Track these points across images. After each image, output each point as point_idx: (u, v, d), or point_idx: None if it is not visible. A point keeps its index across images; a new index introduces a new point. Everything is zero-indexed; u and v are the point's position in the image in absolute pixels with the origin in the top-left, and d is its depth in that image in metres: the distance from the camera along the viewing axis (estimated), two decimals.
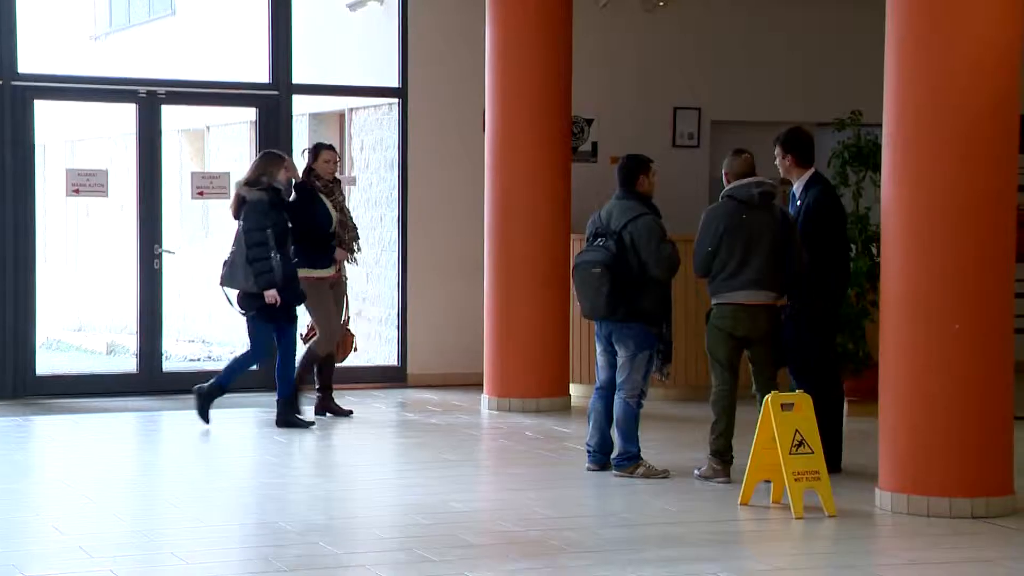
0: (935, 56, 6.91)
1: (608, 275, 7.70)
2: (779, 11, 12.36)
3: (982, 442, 6.92)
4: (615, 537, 6.58)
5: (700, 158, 12.36)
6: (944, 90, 6.90)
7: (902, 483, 7.02)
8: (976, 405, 6.91)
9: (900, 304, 7.06)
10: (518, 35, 10.30)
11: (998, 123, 6.94)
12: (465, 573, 5.90)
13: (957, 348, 6.90)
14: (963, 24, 6.87)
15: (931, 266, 6.97)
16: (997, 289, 6.99)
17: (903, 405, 7.03)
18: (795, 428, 7.06)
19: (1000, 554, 6.32)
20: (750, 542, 6.81)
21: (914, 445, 6.99)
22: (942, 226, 6.93)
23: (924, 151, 6.98)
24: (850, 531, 6.73)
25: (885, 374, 7.13)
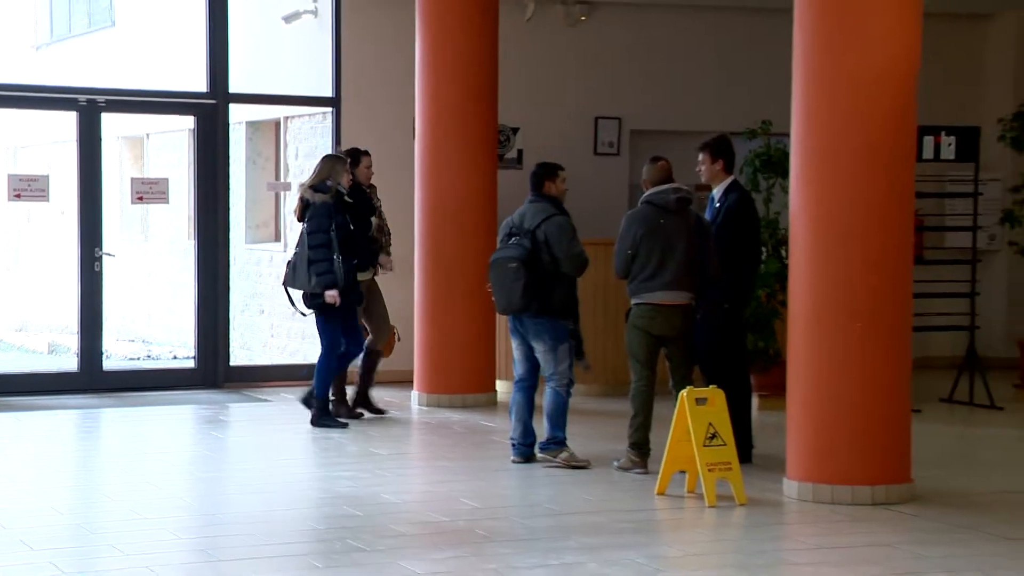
0: (838, 69, 7.02)
1: (523, 270, 7.85)
2: (694, 26, 12.48)
3: (882, 434, 7.04)
4: (538, 526, 6.62)
5: (620, 165, 12.45)
6: (846, 102, 7.01)
7: (808, 473, 7.12)
8: (876, 399, 7.02)
9: (807, 304, 7.16)
10: (447, 47, 10.32)
11: (897, 133, 7.06)
12: (395, 562, 5.92)
13: (859, 346, 7.01)
14: (864, 39, 6.99)
15: (835, 268, 7.07)
16: (896, 290, 7.11)
17: (809, 399, 7.14)
18: (708, 422, 7.14)
19: (899, 538, 6.43)
20: (666, 529, 6.88)
21: (819, 437, 7.09)
22: (846, 230, 7.04)
23: (828, 159, 7.08)
24: (759, 518, 6.82)
25: (792, 370, 7.23)
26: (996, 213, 11.72)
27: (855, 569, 5.85)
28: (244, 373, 11.51)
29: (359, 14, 11.61)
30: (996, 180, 12.43)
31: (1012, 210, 10.98)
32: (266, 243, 13.54)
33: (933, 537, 6.40)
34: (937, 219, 11.72)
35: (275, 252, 13.15)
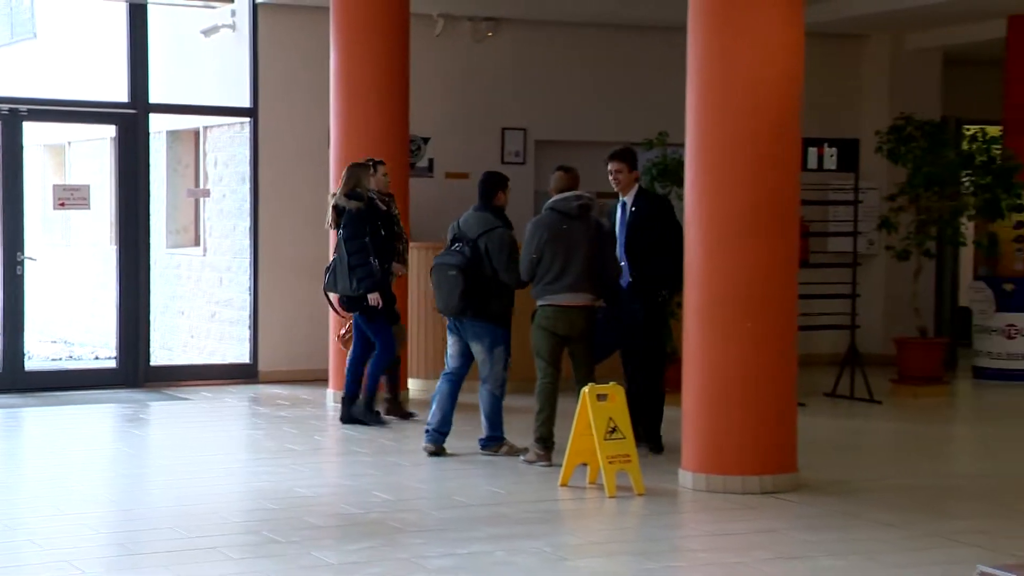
0: (728, 84, 7.08)
1: (462, 277, 7.88)
2: (595, 42, 12.53)
3: (770, 426, 7.10)
4: (448, 517, 6.58)
5: (526, 174, 12.45)
6: (736, 115, 7.07)
7: (702, 464, 7.16)
8: (765, 394, 7.08)
9: (701, 305, 7.20)
10: (360, 60, 10.25)
11: (783, 144, 7.13)
12: (309, 553, 5.84)
13: (749, 344, 7.07)
14: (751, 56, 7.05)
15: (727, 271, 7.12)
16: (783, 291, 7.18)
17: (703, 394, 7.18)
18: (609, 416, 7.15)
19: (786, 524, 6.48)
20: (569, 519, 6.87)
21: (712, 430, 7.14)
22: (737, 235, 7.09)
23: (720, 168, 7.13)
24: (656, 508, 6.84)
25: (687, 367, 7.27)
26: (874, 220, 11.90)
27: (746, 554, 5.89)
28: (164, 373, 11.33)
29: (275, 28, 11.51)
30: (874, 189, 12.63)
31: (888, 217, 11.16)
32: (186, 248, 13.35)
33: (818, 523, 6.47)
34: (821, 225, 11.87)
35: (195, 256, 12.97)
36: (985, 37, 12.40)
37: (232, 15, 11.75)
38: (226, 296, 12.23)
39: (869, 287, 12.60)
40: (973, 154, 11.25)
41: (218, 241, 12.48)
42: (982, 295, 11.78)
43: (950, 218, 11.14)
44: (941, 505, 7.03)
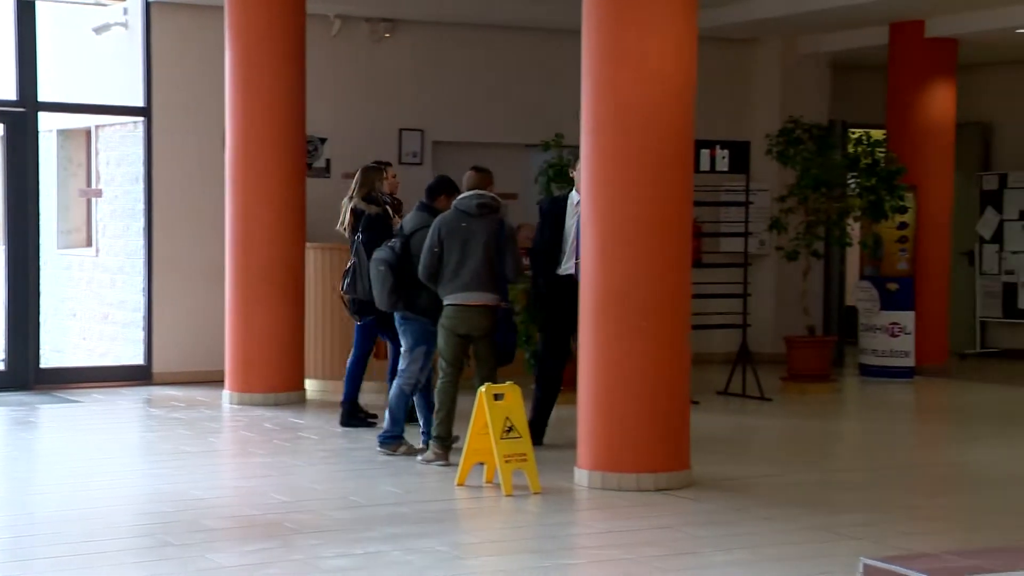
0: (622, 87, 7.14)
1: (390, 273, 7.96)
2: (491, 44, 12.56)
3: (664, 424, 7.17)
4: (345, 518, 6.55)
5: (423, 175, 12.42)
6: (630, 117, 7.14)
7: (597, 462, 7.22)
8: (659, 392, 7.15)
9: (597, 304, 7.25)
10: (255, 60, 10.15)
11: (676, 146, 7.21)
12: (204, 555, 5.78)
13: (644, 343, 7.13)
14: (645, 59, 7.12)
15: (622, 271, 7.18)
16: (678, 291, 7.25)
17: (598, 393, 7.23)
18: (506, 416, 7.17)
19: (679, 521, 6.56)
20: (465, 518, 6.89)
21: (607, 428, 7.19)
22: (631, 236, 7.15)
23: (615, 170, 7.19)
24: (553, 506, 6.88)
25: (583, 365, 7.32)
26: (765, 220, 12.11)
27: (639, 551, 5.95)
28: (55, 375, 11.11)
29: (169, 27, 11.34)
30: (765, 190, 12.86)
31: (779, 218, 11.35)
32: (78, 248, 13.09)
33: (709, 519, 6.56)
34: (713, 226, 12.04)
35: (87, 257, 12.72)
36: (870, 43, 12.69)
37: (124, 13, 11.56)
38: (119, 297, 12.03)
39: (760, 287, 12.82)
40: (858, 157, 11.50)
41: (111, 242, 12.27)
42: (867, 294, 12.05)
43: (837, 219, 11.37)
44: (828, 499, 7.18)
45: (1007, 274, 13.86)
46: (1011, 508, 6.92)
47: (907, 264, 12.10)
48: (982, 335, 14.19)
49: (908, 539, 6.07)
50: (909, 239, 12.11)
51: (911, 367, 11.92)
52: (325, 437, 8.85)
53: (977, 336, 14.16)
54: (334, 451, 8.38)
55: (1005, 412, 10.60)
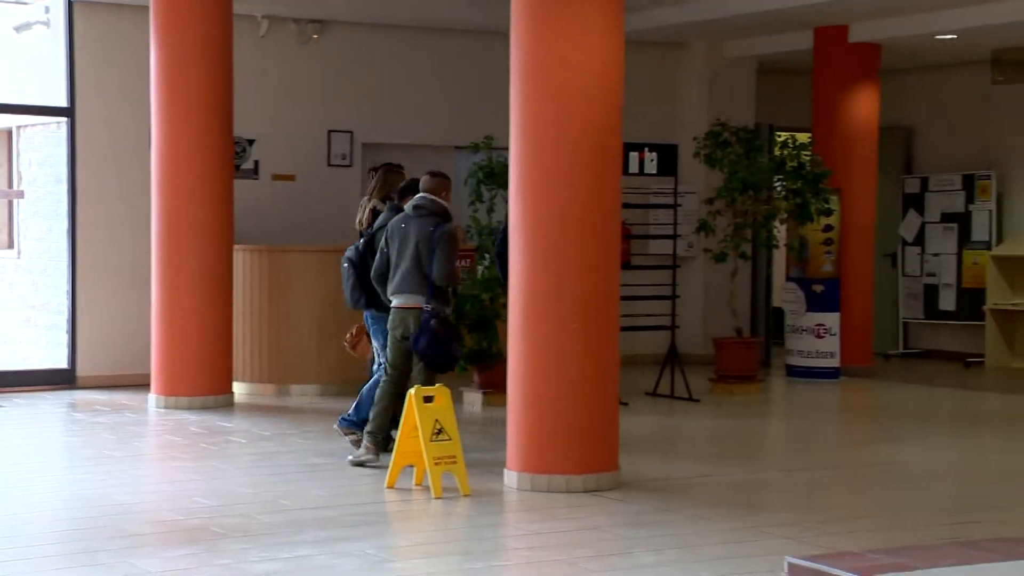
0: (550, 90, 7.14)
1: (352, 271, 8.11)
2: (421, 45, 12.52)
3: (593, 426, 7.18)
4: (273, 522, 6.47)
5: (352, 177, 12.37)
6: (558, 119, 7.13)
7: (527, 464, 7.20)
8: (588, 393, 7.15)
9: (526, 306, 7.24)
10: (181, 61, 10.03)
11: (604, 149, 7.22)
12: (128, 561, 5.68)
13: (573, 345, 7.13)
14: (572, 63, 7.12)
15: (551, 273, 7.17)
16: (606, 293, 7.26)
17: (527, 395, 7.22)
18: (435, 418, 7.14)
19: (608, 521, 6.57)
20: (394, 521, 6.84)
21: (536, 430, 7.18)
22: (560, 238, 7.15)
23: (544, 172, 7.18)
24: (482, 508, 6.86)
25: (512, 368, 7.30)
26: (693, 223, 12.18)
27: (569, 552, 5.94)
28: None
29: (92, 26, 11.18)
30: (693, 193, 12.94)
31: (706, 220, 11.42)
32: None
33: (638, 519, 6.57)
34: (642, 228, 12.09)
35: (8, 259, 12.49)
36: (795, 48, 12.83)
37: (46, 12, 11.36)
38: (41, 300, 11.82)
39: (688, 288, 12.90)
40: (785, 160, 11.61)
41: (33, 244, 12.05)
42: (794, 296, 12.16)
43: (764, 221, 11.47)
44: (755, 499, 7.23)
45: (928, 276, 14.07)
46: (933, 506, 7.01)
47: (832, 266, 12.24)
48: (904, 336, 14.38)
49: (833, 538, 6.13)
50: (834, 241, 12.25)
51: (836, 368, 12.05)
52: (253, 440, 8.76)
53: (900, 337, 14.36)
54: (263, 455, 8.29)
55: (927, 411, 10.75)
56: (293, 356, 10.87)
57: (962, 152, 13.94)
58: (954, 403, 11.21)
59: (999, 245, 13.43)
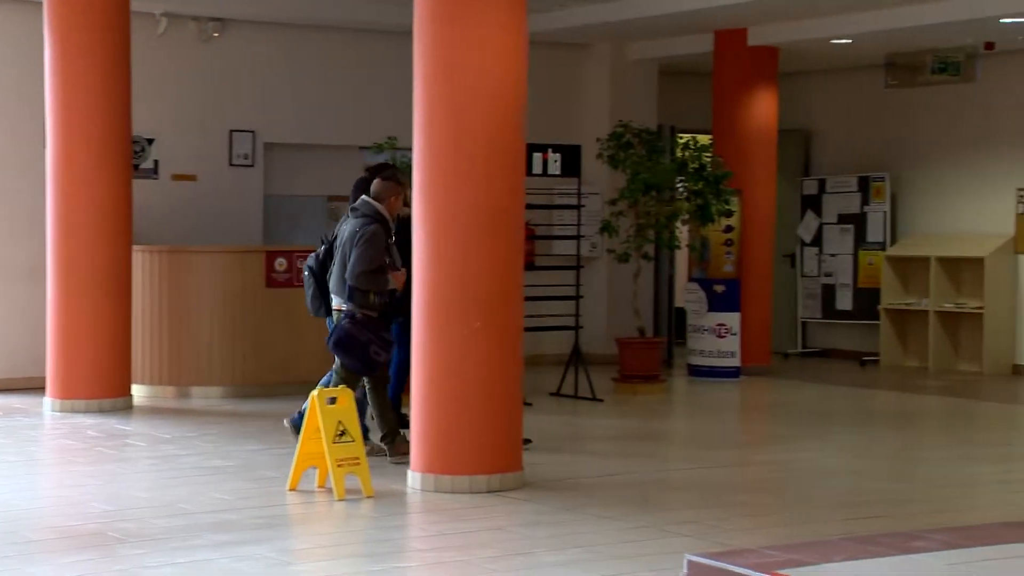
0: (453, 89, 7.13)
1: (312, 279, 8.09)
2: (323, 44, 12.43)
3: (497, 426, 7.18)
4: (171, 526, 6.37)
5: (255, 177, 12.25)
6: (461, 119, 7.13)
7: (431, 464, 7.18)
8: (492, 393, 7.15)
9: (429, 305, 7.22)
10: (76, 57, 9.83)
11: (507, 149, 7.22)
12: (23, 568, 5.55)
13: (477, 344, 7.13)
14: (475, 63, 7.11)
15: (455, 272, 7.16)
16: (510, 293, 7.26)
17: (431, 395, 7.20)
18: (338, 420, 7.09)
19: (511, 522, 6.58)
20: (296, 524, 6.77)
21: (440, 430, 7.17)
22: (463, 237, 7.15)
23: (447, 172, 7.17)
24: (386, 509, 6.82)
25: (417, 367, 7.27)
26: (596, 223, 12.25)
27: (472, 552, 5.94)
28: None
29: None
30: (596, 194, 13.02)
31: (609, 221, 11.50)
32: None
33: (542, 519, 6.58)
34: (546, 229, 12.13)
35: None
36: (696, 50, 12.97)
37: None
38: None
39: (592, 289, 12.97)
40: (686, 161, 11.73)
41: None
42: (695, 296, 12.30)
43: (666, 222, 11.58)
44: (658, 498, 7.29)
45: (826, 276, 14.32)
46: (829, 502, 7.13)
47: (733, 266, 12.40)
48: (803, 335, 14.62)
49: (733, 535, 6.20)
50: (735, 242, 12.40)
51: (737, 367, 12.21)
52: (153, 444, 8.62)
53: (798, 336, 14.59)
54: (162, 458, 8.16)
55: (824, 410, 10.94)
56: (194, 358, 10.72)
57: (858, 154, 14.21)
58: (850, 401, 11.42)
59: (893, 246, 13.71)
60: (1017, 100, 12.87)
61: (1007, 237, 12.86)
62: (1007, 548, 4.62)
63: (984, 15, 10.96)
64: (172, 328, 10.73)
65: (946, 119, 13.44)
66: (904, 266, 13.48)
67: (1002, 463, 8.47)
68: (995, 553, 4.50)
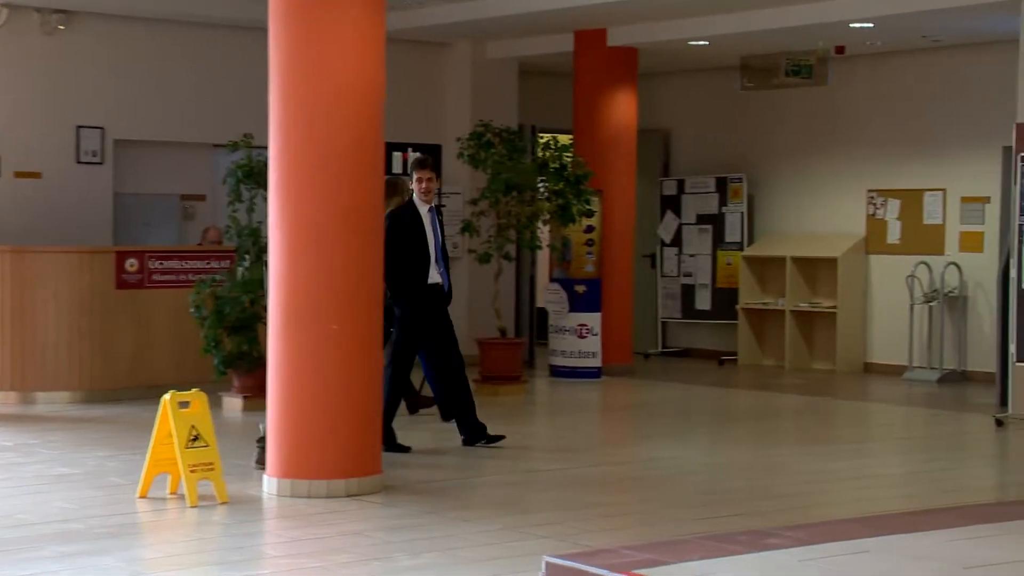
0: (309, 87, 7.05)
1: None
2: (176, 39, 12.18)
3: (354, 428, 7.11)
4: (11, 537, 6.15)
5: (104, 174, 11.94)
6: (317, 118, 7.05)
7: (287, 469, 7.09)
8: (349, 396, 7.09)
9: (286, 307, 7.12)
10: None
11: (365, 148, 7.16)
12: None
13: (334, 347, 7.05)
14: (331, 60, 7.04)
15: (312, 273, 7.08)
16: (368, 293, 7.21)
17: (288, 398, 7.11)
18: (191, 424, 6.94)
19: (369, 527, 6.52)
20: (147, 532, 6.61)
21: (296, 433, 7.08)
22: (320, 238, 7.06)
23: (303, 171, 7.09)
24: (240, 516, 6.70)
25: (273, 370, 7.17)
26: (457, 223, 12.24)
27: (328, 558, 5.87)
28: None
29: None
30: (457, 193, 13.01)
31: (470, 221, 11.49)
32: None
33: (399, 523, 6.54)
34: None
35: None
36: (556, 50, 13.06)
37: None
38: None
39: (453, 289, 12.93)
40: (547, 161, 11.79)
41: None
42: (557, 296, 12.37)
43: (527, 222, 11.62)
44: (518, 500, 7.30)
45: (685, 276, 14.54)
46: (687, 501, 7.22)
47: (594, 267, 12.50)
48: (663, 335, 14.83)
49: (592, 536, 6.24)
50: (596, 242, 12.51)
51: (598, 367, 12.32)
52: None
53: (659, 336, 14.79)
54: (1, 467, 7.88)
55: (683, 409, 11.11)
56: (39, 363, 10.40)
57: (716, 155, 14.47)
58: (709, 400, 11.61)
59: (750, 246, 13.99)
60: (867, 103, 13.25)
61: (859, 237, 13.23)
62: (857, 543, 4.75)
63: (834, 19, 11.26)
64: (16, 331, 10.39)
65: (800, 121, 13.77)
66: (761, 266, 13.77)
67: (855, 459, 8.70)
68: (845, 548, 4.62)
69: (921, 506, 6.95)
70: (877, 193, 13.17)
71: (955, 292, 12.51)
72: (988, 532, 5.64)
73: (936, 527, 5.83)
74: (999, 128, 11.30)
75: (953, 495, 7.35)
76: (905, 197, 12.97)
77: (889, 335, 12.97)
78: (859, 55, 12.93)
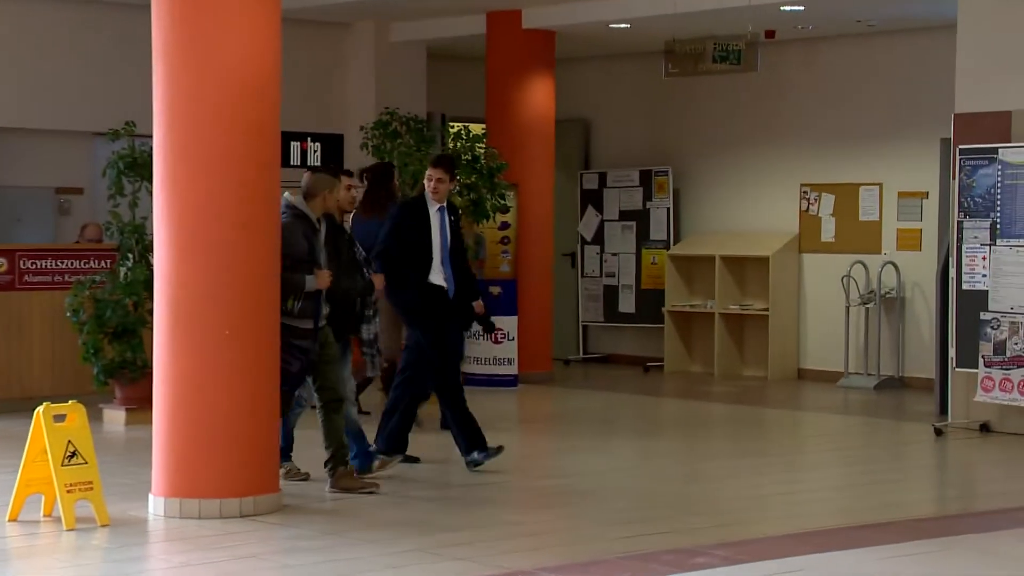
0: (197, 72, 6.98)
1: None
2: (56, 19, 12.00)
3: (249, 443, 7.06)
4: None
5: None
6: (208, 105, 6.98)
7: (175, 488, 7.02)
8: (244, 408, 7.04)
9: (173, 311, 7.05)
10: None
11: (261, 138, 7.11)
12: None
13: (227, 353, 7.00)
14: (222, 42, 6.98)
15: (202, 274, 7.02)
16: (263, 296, 7.15)
17: (176, 411, 7.03)
18: (68, 439, 6.85)
19: (266, 549, 6.49)
20: (16, 558, 6.49)
21: (186, 449, 7.01)
22: (210, 235, 7.00)
23: (192, 162, 7.02)
24: (123, 539, 6.63)
25: (159, 380, 7.10)
26: None
27: None
28: None
29: None
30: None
31: None
32: None
33: (300, 545, 6.51)
34: None
35: None
36: (467, 32, 13.06)
37: None
38: None
39: None
40: (459, 152, 11.80)
41: None
42: None
43: None
44: (430, 518, 7.29)
45: (608, 276, 14.63)
46: (610, 519, 7.26)
47: (510, 266, 12.53)
48: (584, 340, 14.90)
49: (509, 557, 6.24)
50: (511, 240, 12.54)
51: (515, 375, 12.35)
52: None
53: (580, 341, 14.86)
54: None
55: (606, 419, 11.18)
56: None
57: (639, 147, 14.57)
58: (634, 409, 11.70)
59: (677, 244, 14.11)
60: (799, 91, 13.43)
61: (792, 235, 13.41)
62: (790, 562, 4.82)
63: (764, 1, 11.39)
64: None
65: (729, 110, 13.91)
66: (688, 265, 13.90)
67: (788, 472, 8.81)
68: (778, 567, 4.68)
69: (858, 521, 7.06)
70: (810, 188, 13.36)
71: (892, 293, 12.73)
72: (928, 548, 5.77)
73: (873, 543, 5.94)
74: (937, 118, 11.50)
75: (891, 509, 7.48)
76: (839, 192, 13.17)
77: (824, 339, 13.16)
78: (790, 40, 13.10)
